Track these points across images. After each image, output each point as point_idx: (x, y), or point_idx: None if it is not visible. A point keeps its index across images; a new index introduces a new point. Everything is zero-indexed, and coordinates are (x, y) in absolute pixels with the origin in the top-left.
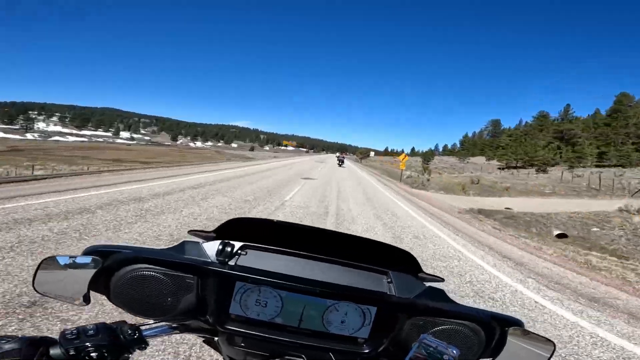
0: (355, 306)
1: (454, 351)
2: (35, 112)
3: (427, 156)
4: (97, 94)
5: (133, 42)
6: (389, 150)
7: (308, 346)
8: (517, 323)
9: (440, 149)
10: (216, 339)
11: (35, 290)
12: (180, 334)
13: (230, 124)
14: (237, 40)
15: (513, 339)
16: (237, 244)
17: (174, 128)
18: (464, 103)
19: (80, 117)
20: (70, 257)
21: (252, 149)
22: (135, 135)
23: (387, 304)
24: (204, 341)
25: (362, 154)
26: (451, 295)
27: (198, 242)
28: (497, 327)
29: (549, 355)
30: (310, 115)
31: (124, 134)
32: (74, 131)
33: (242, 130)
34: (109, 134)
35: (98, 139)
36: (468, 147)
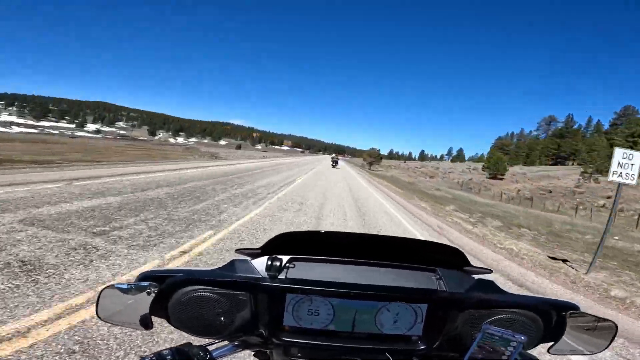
0: (406, 305)
1: (522, 337)
2: (3, 102)
3: (497, 165)
4: (92, 88)
5: (132, 39)
6: (394, 152)
7: (364, 349)
8: (574, 307)
9: (454, 153)
10: (268, 351)
11: (100, 318)
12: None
13: (229, 121)
14: (237, 39)
15: (572, 322)
16: (285, 258)
17: (157, 122)
18: (483, 104)
19: (40, 107)
20: (129, 284)
21: (239, 147)
22: (106, 129)
23: (438, 300)
24: (254, 355)
25: (371, 157)
26: None
27: (247, 260)
28: (554, 313)
29: (611, 336)
30: (308, 116)
31: (93, 127)
32: (30, 122)
33: (234, 127)
34: (72, 125)
35: (53, 131)
36: (519, 152)
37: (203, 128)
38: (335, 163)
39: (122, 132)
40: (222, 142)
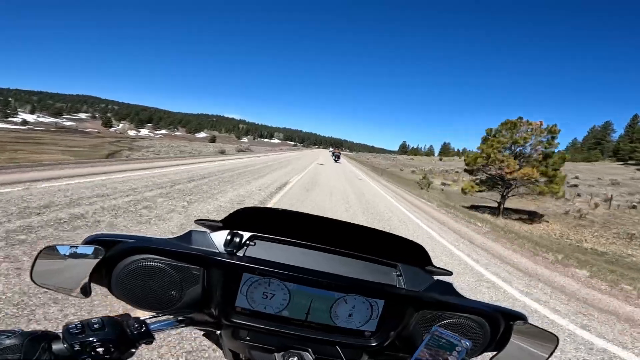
0: (363, 299)
1: (467, 343)
2: None
3: None
4: (89, 84)
5: (129, 35)
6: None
7: (314, 340)
8: (521, 317)
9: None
10: (219, 332)
11: (33, 282)
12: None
13: (223, 115)
14: (232, 34)
15: (517, 332)
16: (246, 234)
17: (130, 114)
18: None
19: None
20: (71, 246)
21: (213, 140)
22: (46, 120)
23: (395, 297)
24: (204, 334)
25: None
26: None
27: (205, 232)
28: (502, 321)
29: (552, 349)
30: (302, 109)
31: (26, 117)
32: None
33: (223, 120)
34: None
35: None
36: None
37: (179, 119)
38: (337, 158)
39: (68, 123)
40: (201, 135)
